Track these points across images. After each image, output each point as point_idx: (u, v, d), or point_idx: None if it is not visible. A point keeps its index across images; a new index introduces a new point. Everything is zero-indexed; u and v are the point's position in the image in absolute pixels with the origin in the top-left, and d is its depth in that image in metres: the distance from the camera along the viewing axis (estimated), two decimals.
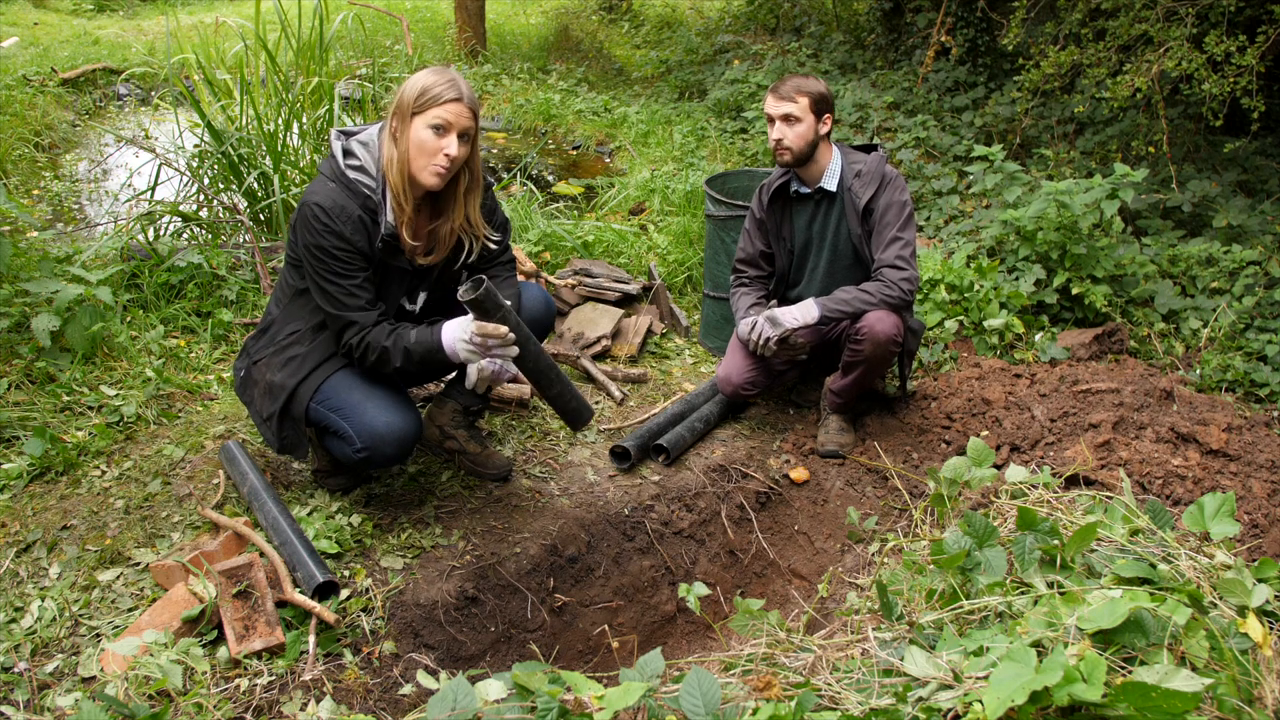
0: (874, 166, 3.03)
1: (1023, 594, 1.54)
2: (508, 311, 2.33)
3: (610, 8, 11.89)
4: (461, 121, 2.27)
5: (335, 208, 2.28)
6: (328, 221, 2.27)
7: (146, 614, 2.14)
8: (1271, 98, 4.97)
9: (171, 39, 7.84)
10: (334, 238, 2.28)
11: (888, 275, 2.94)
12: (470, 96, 2.28)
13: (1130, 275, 4.16)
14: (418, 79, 2.27)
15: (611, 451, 3.04)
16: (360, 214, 2.31)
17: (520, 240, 4.43)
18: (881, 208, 2.99)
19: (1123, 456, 2.78)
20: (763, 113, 3.11)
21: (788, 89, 2.94)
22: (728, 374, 3.17)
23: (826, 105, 2.97)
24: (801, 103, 2.92)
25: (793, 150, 2.97)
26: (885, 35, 8.04)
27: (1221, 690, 1.23)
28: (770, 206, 3.16)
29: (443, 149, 2.26)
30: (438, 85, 2.25)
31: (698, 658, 1.97)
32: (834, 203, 3.10)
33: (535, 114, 7.82)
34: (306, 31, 5.14)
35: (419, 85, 2.25)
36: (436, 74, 2.28)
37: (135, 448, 2.84)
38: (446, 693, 1.32)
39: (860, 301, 2.94)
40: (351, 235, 2.30)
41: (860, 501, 3.04)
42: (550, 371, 2.51)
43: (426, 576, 2.44)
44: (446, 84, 2.26)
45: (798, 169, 3.06)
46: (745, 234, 3.28)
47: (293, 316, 2.47)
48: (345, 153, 2.35)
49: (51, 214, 5.25)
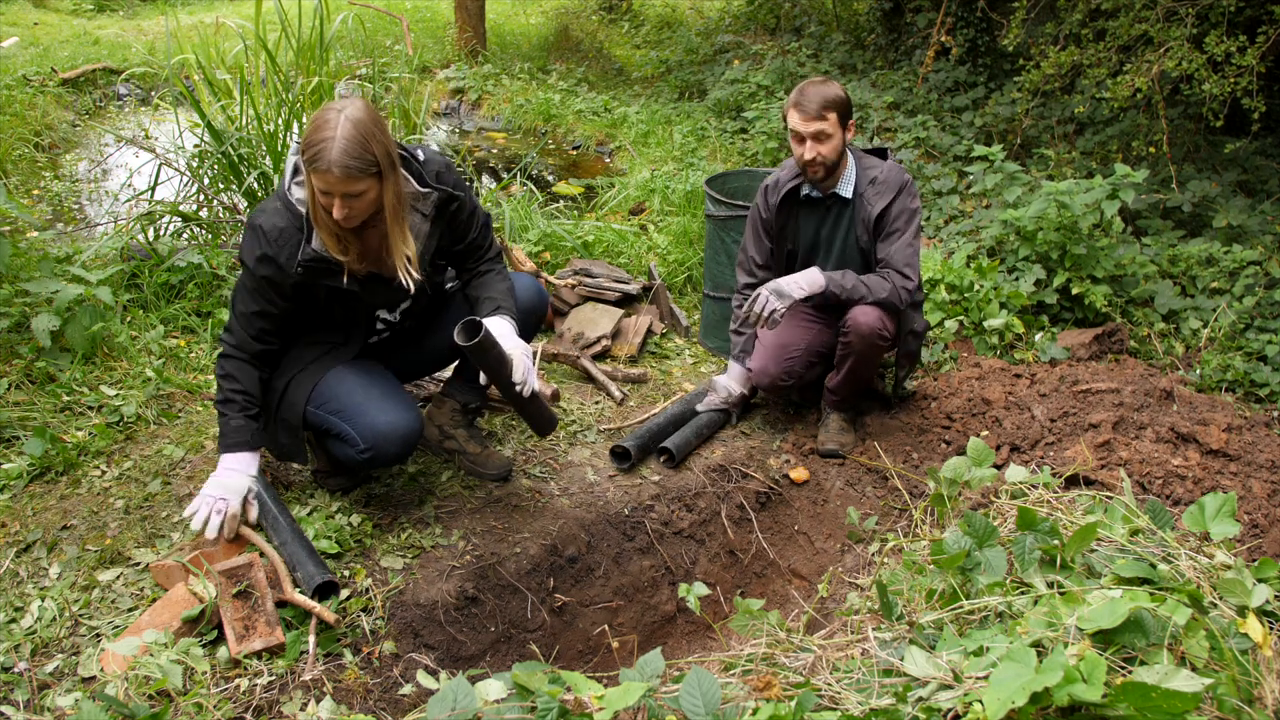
0: (891, 175, 3.00)
1: (1023, 594, 1.54)
2: (501, 351, 2.35)
3: (610, 8, 11.88)
4: (338, 188, 2.10)
5: (274, 231, 2.25)
6: (265, 248, 2.26)
7: (146, 614, 2.14)
8: (1272, 98, 4.97)
9: (171, 39, 7.83)
10: (264, 264, 2.27)
11: (895, 278, 2.94)
12: (342, 162, 2.06)
13: (1130, 275, 4.16)
14: (311, 124, 2.11)
15: (612, 451, 3.04)
16: (296, 234, 2.27)
17: (520, 240, 4.43)
18: (894, 213, 2.97)
19: (1123, 456, 2.78)
20: (785, 127, 3.05)
21: (814, 106, 2.85)
22: (764, 365, 3.14)
23: (850, 112, 2.93)
24: (831, 118, 2.86)
25: (826, 166, 2.94)
26: (885, 35, 8.04)
27: (1221, 690, 1.23)
28: (779, 208, 3.12)
29: (329, 211, 2.16)
30: (312, 146, 2.08)
31: (698, 658, 1.97)
32: (845, 208, 3.07)
33: (535, 114, 7.82)
34: (306, 31, 5.14)
35: (306, 136, 2.10)
36: (317, 128, 2.08)
37: (135, 448, 2.84)
38: (446, 693, 1.32)
39: (861, 290, 2.93)
40: (285, 263, 2.26)
41: (860, 501, 3.04)
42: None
43: (426, 576, 2.44)
44: (319, 145, 2.07)
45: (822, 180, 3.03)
46: (752, 235, 3.23)
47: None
48: (295, 169, 2.29)
49: (51, 214, 5.25)
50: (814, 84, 2.92)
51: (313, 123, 2.12)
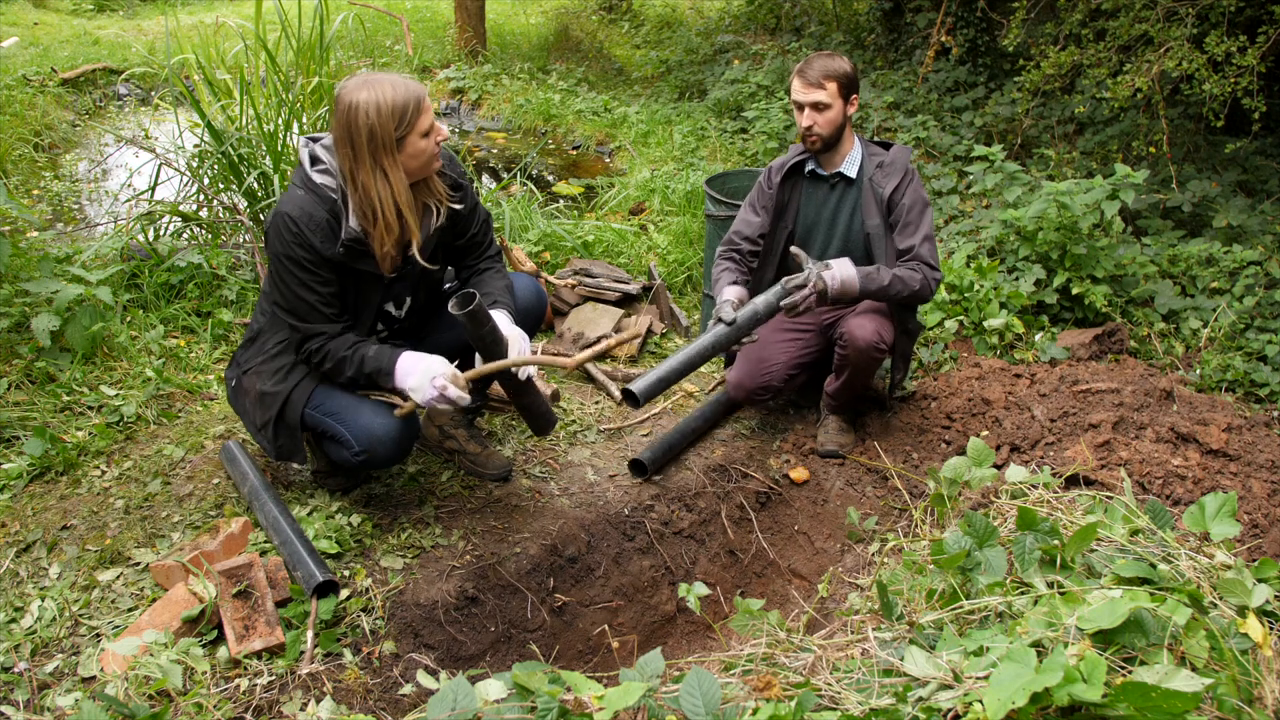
0: (898, 158, 2.99)
1: (1023, 594, 1.54)
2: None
3: (610, 8, 11.88)
4: (432, 108, 2.28)
5: (304, 216, 2.27)
6: (298, 231, 2.26)
7: (146, 614, 2.14)
8: (1272, 98, 4.97)
9: (171, 39, 7.84)
10: (304, 249, 2.27)
11: (925, 270, 2.91)
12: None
13: (1130, 275, 4.16)
14: (377, 108, 2.18)
15: (630, 464, 3.00)
16: (327, 218, 2.29)
17: (520, 240, 4.43)
18: (908, 204, 2.95)
19: (1123, 456, 2.78)
20: (789, 100, 3.03)
21: (815, 74, 2.87)
22: (739, 379, 3.15)
23: (853, 86, 2.92)
24: (830, 88, 2.86)
25: (823, 136, 2.93)
26: (885, 35, 8.04)
27: (1221, 690, 1.23)
28: (781, 184, 3.09)
29: (437, 141, 2.28)
30: (407, 99, 2.20)
31: (698, 658, 1.97)
32: (851, 189, 3.05)
33: (535, 114, 7.82)
34: (306, 31, 5.14)
35: (392, 111, 2.18)
36: (393, 88, 2.20)
37: (135, 448, 2.84)
38: (446, 693, 1.32)
39: (898, 286, 2.86)
40: (321, 244, 2.28)
41: (860, 501, 3.04)
42: (526, 381, 2.52)
43: (426, 576, 2.44)
44: (409, 93, 2.21)
45: (822, 153, 3.02)
46: (748, 208, 3.17)
47: (280, 325, 2.45)
48: (312, 159, 2.32)
49: (51, 214, 5.25)
50: (821, 55, 2.93)
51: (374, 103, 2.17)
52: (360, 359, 2.35)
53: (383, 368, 2.33)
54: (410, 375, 2.30)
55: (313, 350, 2.38)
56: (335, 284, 2.36)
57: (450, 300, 2.29)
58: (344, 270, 2.37)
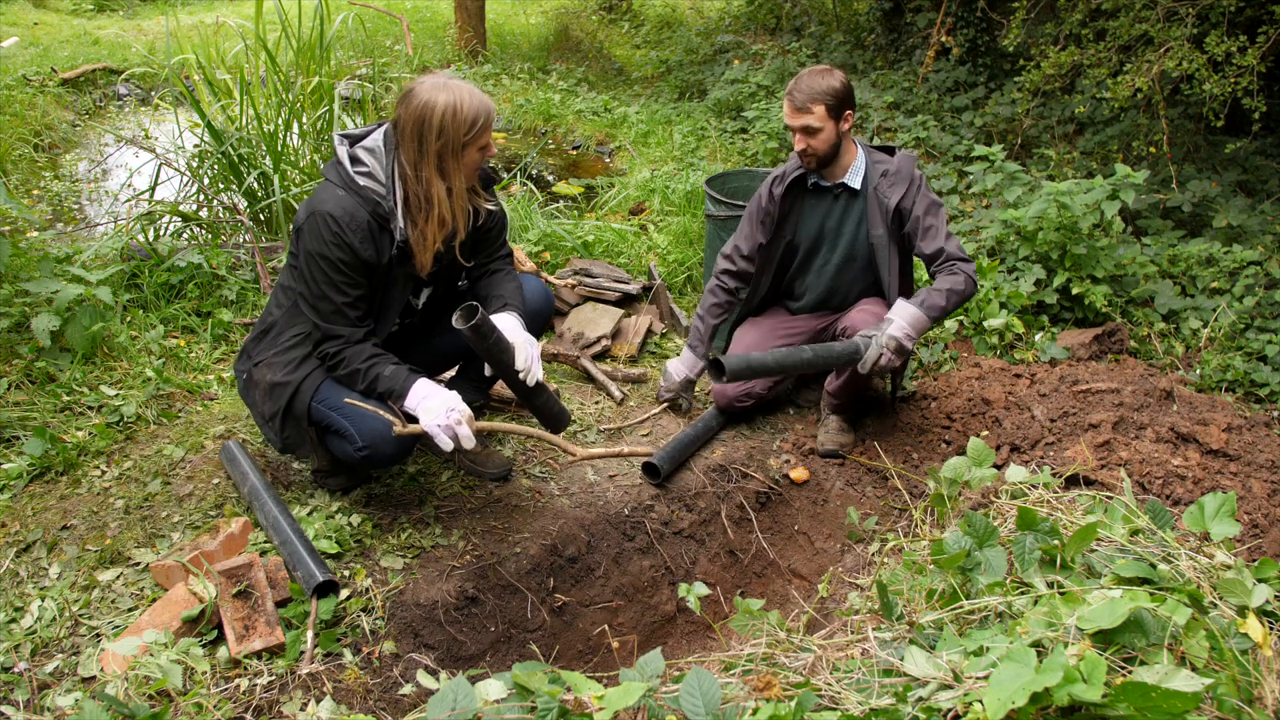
0: (903, 167, 2.97)
1: (1023, 594, 1.54)
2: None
3: (610, 8, 11.89)
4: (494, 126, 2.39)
5: (345, 216, 2.28)
6: (338, 231, 2.27)
7: (146, 614, 2.14)
8: (1272, 98, 4.97)
9: (171, 39, 7.84)
10: (342, 250, 2.28)
11: (961, 267, 2.88)
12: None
13: (1130, 275, 4.16)
14: (454, 111, 2.25)
15: (644, 466, 2.99)
16: (370, 221, 2.31)
17: (520, 240, 4.43)
18: (921, 210, 2.93)
19: (1123, 456, 2.78)
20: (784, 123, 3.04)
21: (802, 98, 2.85)
22: (722, 388, 3.15)
23: (844, 103, 2.88)
24: (818, 111, 2.85)
25: (818, 156, 2.93)
26: (885, 35, 8.04)
27: (1221, 690, 1.23)
28: (782, 197, 3.07)
29: (487, 157, 2.38)
30: (479, 111, 2.28)
31: (698, 658, 1.97)
32: (856, 200, 3.04)
33: (535, 114, 7.82)
34: (307, 31, 5.14)
35: (465, 118, 2.26)
36: (470, 96, 2.28)
37: (135, 448, 2.84)
38: (446, 693, 1.32)
39: (952, 299, 2.85)
40: (360, 246, 2.29)
41: (860, 501, 3.04)
42: (536, 385, 2.53)
43: (426, 576, 2.44)
44: (484, 106, 2.29)
45: (821, 168, 3.01)
46: (747, 223, 3.16)
47: (296, 319, 2.46)
48: (352, 159, 2.34)
49: (51, 214, 5.25)
50: (809, 74, 2.88)
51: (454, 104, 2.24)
52: (375, 376, 2.36)
53: (395, 390, 2.34)
54: (427, 400, 2.31)
55: (329, 353, 2.39)
56: (365, 287, 2.37)
57: (454, 314, 2.30)
58: (380, 270, 2.38)
